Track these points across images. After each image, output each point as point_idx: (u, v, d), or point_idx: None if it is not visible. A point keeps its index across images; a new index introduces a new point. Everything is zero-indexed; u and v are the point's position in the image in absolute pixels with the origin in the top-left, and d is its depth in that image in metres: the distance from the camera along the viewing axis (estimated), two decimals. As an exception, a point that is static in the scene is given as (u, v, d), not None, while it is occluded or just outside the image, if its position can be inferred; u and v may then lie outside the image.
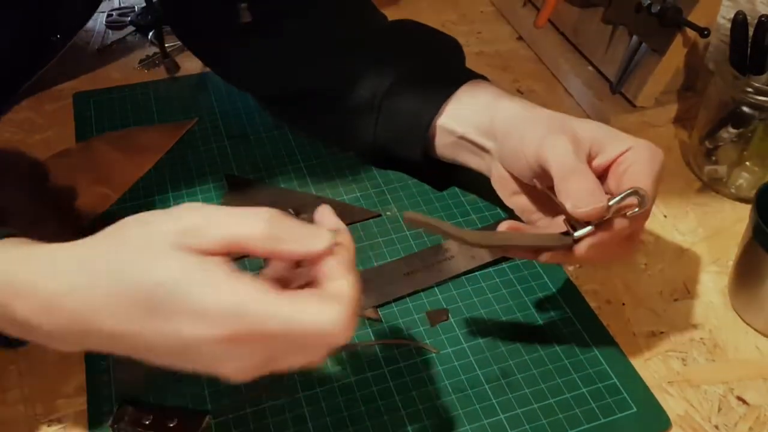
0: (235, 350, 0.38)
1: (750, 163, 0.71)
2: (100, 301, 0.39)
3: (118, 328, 0.39)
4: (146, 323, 0.38)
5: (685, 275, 0.64)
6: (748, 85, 0.66)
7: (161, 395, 0.53)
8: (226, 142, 0.76)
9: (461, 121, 0.62)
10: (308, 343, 0.39)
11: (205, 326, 0.37)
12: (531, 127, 0.55)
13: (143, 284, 0.38)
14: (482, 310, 0.60)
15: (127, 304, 0.38)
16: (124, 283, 0.38)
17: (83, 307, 0.39)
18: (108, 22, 0.95)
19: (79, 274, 0.40)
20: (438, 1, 1.03)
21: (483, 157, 0.61)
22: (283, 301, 0.37)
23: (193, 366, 0.40)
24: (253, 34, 0.69)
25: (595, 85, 0.83)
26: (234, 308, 0.37)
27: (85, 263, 0.40)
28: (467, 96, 0.63)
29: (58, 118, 0.79)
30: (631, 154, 0.52)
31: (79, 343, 0.42)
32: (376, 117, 0.66)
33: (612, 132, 0.54)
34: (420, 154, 0.65)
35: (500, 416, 0.52)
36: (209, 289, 0.37)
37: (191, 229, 0.38)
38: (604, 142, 0.53)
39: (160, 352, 0.40)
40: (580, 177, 0.50)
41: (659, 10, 0.75)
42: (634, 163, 0.51)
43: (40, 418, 0.53)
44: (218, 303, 0.37)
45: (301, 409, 0.53)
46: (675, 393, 0.55)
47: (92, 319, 0.39)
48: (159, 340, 0.39)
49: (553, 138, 0.52)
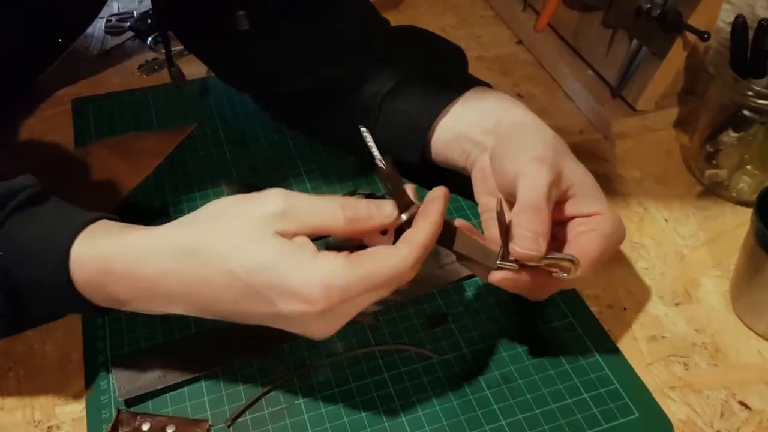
0: (325, 318, 0.44)
1: (751, 167, 0.71)
2: (192, 285, 0.45)
3: (211, 307, 0.46)
4: (242, 302, 0.44)
5: (686, 279, 0.64)
6: (749, 89, 0.66)
7: (160, 402, 0.53)
8: (226, 148, 0.76)
9: (466, 121, 0.61)
10: (383, 285, 0.45)
11: (300, 304, 0.43)
12: (529, 141, 0.55)
13: (239, 269, 0.43)
14: (483, 315, 0.60)
15: (223, 286, 0.44)
16: (219, 267, 0.44)
17: (177, 289, 0.45)
18: (107, 27, 0.95)
19: (171, 259, 0.45)
20: (437, 5, 1.03)
21: (470, 155, 0.61)
22: (361, 264, 0.44)
23: (283, 328, 0.46)
24: (253, 36, 0.69)
25: (595, 89, 0.83)
26: (323, 286, 0.43)
27: (178, 248, 0.45)
28: (475, 100, 0.62)
29: (58, 124, 0.79)
30: (598, 220, 0.52)
31: (164, 311, 0.48)
32: (375, 118, 0.66)
33: (595, 189, 0.53)
34: (418, 156, 0.65)
35: (501, 422, 0.52)
36: (301, 271, 0.43)
37: (281, 215, 0.44)
38: (584, 194, 0.53)
39: (253, 320, 0.46)
40: (537, 219, 0.49)
41: (659, 14, 0.75)
42: (593, 231, 0.51)
43: (38, 424, 0.52)
44: (310, 283, 0.43)
45: (301, 415, 0.53)
46: (677, 398, 0.55)
47: (186, 299, 0.46)
48: (254, 313, 0.45)
49: (536, 168, 0.51)
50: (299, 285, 0.43)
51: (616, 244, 0.53)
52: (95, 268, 0.46)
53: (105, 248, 0.46)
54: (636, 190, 0.73)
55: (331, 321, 0.45)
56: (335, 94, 0.68)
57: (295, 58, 0.70)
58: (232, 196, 0.46)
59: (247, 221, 0.44)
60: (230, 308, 0.45)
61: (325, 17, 0.71)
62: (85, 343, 0.57)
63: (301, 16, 0.69)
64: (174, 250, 0.45)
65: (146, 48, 0.92)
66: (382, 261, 0.44)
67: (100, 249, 0.46)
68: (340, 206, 0.45)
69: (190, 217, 0.47)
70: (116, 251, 0.46)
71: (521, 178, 0.52)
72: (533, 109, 0.59)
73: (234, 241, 0.44)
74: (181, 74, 0.80)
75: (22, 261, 0.47)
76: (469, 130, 0.61)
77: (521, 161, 0.53)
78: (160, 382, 0.54)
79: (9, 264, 0.47)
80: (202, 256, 0.44)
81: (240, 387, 0.54)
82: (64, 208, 0.50)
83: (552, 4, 0.89)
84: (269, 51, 0.70)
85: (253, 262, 0.43)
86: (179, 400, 0.53)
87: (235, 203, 0.46)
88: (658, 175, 0.75)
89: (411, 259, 0.45)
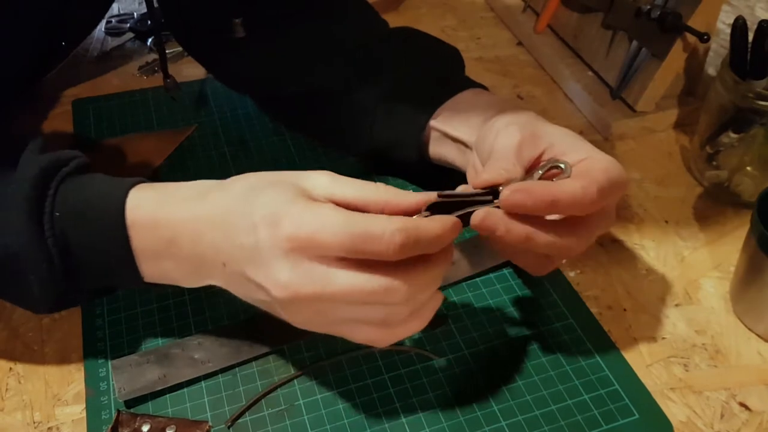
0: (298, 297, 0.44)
1: (751, 168, 0.71)
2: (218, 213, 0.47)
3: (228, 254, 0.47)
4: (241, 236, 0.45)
5: (686, 281, 0.64)
6: (749, 90, 0.66)
7: (160, 403, 0.53)
8: (226, 149, 0.76)
9: (456, 123, 0.61)
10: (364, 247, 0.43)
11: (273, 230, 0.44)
12: (504, 118, 0.55)
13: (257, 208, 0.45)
14: (483, 317, 0.60)
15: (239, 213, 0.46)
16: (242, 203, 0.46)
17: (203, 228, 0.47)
18: (107, 28, 0.95)
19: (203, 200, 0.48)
20: (437, 6, 1.03)
21: (464, 153, 0.61)
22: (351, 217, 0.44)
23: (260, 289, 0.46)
24: (250, 43, 0.69)
25: (595, 90, 0.83)
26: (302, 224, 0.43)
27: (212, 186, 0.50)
28: (468, 102, 0.63)
29: (58, 125, 0.79)
30: (591, 161, 0.50)
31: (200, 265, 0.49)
32: (373, 119, 0.66)
33: (578, 140, 0.53)
34: (416, 156, 0.65)
35: (502, 423, 0.52)
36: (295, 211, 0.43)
37: (323, 186, 0.46)
38: (565, 147, 0.52)
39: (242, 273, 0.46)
40: (501, 162, 0.50)
41: (659, 16, 0.75)
42: (592, 167, 0.50)
43: (38, 425, 0.52)
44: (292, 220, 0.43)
45: (301, 416, 0.53)
46: (677, 399, 0.55)
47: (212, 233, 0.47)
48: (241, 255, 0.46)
49: (507, 130, 0.53)
50: (293, 218, 0.43)
51: (617, 176, 0.50)
52: (148, 216, 0.48)
53: (154, 200, 0.49)
54: (636, 191, 0.73)
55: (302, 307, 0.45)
56: (333, 97, 0.69)
57: (293, 63, 0.70)
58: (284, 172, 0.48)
59: (289, 185, 0.45)
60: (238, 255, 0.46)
61: (324, 21, 0.71)
62: (85, 344, 0.57)
63: (299, 21, 0.69)
64: (209, 189, 0.49)
65: (146, 49, 0.92)
66: (371, 218, 0.43)
67: (150, 198, 0.49)
68: (376, 186, 0.47)
69: (236, 179, 0.49)
70: (166, 201, 0.49)
71: (495, 145, 0.52)
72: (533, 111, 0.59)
73: (268, 194, 0.45)
74: (176, 85, 0.80)
75: (79, 222, 0.48)
76: (458, 130, 0.61)
77: (492, 134, 0.54)
78: (160, 383, 0.54)
79: (66, 224, 0.48)
80: (232, 191, 0.47)
81: (240, 388, 0.54)
82: (110, 177, 0.52)
83: (552, 6, 0.90)
84: (266, 57, 0.70)
85: (272, 198, 0.45)
86: (179, 401, 0.53)
87: (284, 174, 0.48)
88: (659, 176, 0.75)
89: (396, 224, 0.43)
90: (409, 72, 0.66)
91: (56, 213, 0.48)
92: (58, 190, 0.49)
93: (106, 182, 0.50)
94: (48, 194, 0.48)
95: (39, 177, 0.48)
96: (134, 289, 0.60)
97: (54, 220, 0.48)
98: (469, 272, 0.62)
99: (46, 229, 0.48)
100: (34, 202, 0.48)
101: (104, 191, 0.49)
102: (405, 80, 0.66)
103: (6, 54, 0.67)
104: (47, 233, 0.48)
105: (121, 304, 0.60)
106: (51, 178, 0.49)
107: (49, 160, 0.49)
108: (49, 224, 0.48)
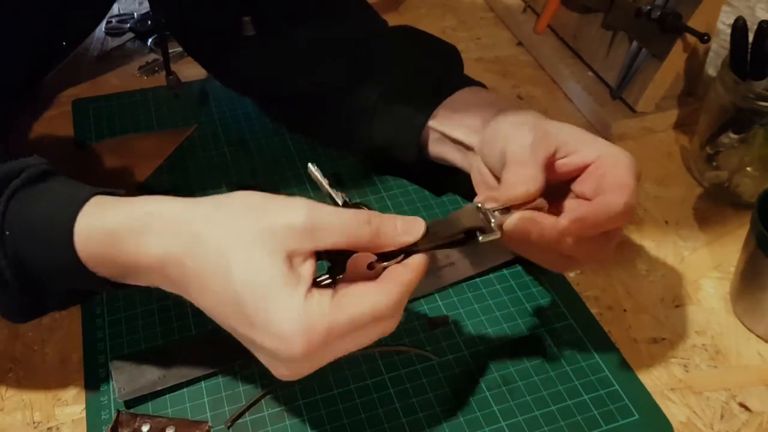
0: (297, 362, 0.42)
1: (751, 169, 0.70)
2: (190, 273, 0.43)
3: (201, 300, 0.44)
4: (227, 309, 0.43)
5: (686, 281, 0.64)
6: (749, 91, 0.66)
7: (160, 403, 0.53)
8: (226, 149, 0.76)
9: (454, 122, 0.61)
10: (368, 329, 0.43)
11: (277, 341, 0.41)
12: (509, 119, 0.55)
13: (237, 274, 0.41)
14: (483, 317, 0.60)
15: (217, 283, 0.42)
16: (220, 262, 0.42)
17: (174, 272, 0.44)
18: (107, 28, 0.95)
19: (176, 242, 0.43)
20: (437, 7, 1.03)
21: (466, 155, 0.61)
22: (344, 306, 0.41)
23: (254, 353, 0.45)
24: (257, 41, 0.69)
25: (595, 90, 0.83)
26: (305, 330, 0.40)
27: (185, 232, 0.43)
28: (464, 102, 0.62)
29: (58, 125, 0.79)
30: (609, 159, 0.52)
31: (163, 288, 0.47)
32: (371, 119, 0.66)
33: (588, 136, 0.53)
34: (414, 155, 0.65)
35: (502, 423, 0.52)
36: (288, 308, 0.40)
37: (301, 231, 0.42)
38: (577, 144, 0.53)
39: (230, 330, 0.44)
40: (521, 170, 0.50)
41: (659, 16, 0.75)
42: (614, 167, 0.51)
43: (38, 425, 0.52)
44: (291, 326, 0.40)
45: (301, 416, 0.53)
46: (677, 400, 0.55)
47: (180, 283, 0.44)
48: (232, 327, 0.43)
49: (518, 131, 0.52)
50: (280, 322, 0.40)
51: (637, 169, 0.52)
52: (101, 241, 0.45)
53: (111, 220, 0.45)
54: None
55: (303, 366, 0.43)
56: (332, 97, 0.69)
57: (296, 62, 0.70)
58: (260, 194, 0.44)
59: (265, 228, 0.42)
60: (216, 309, 0.43)
61: (328, 20, 0.71)
62: (85, 344, 0.57)
63: (303, 21, 0.70)
64: (181, 232, 0.43)
65: (146, 49, 0.92)
66: (366, 301, 0.42)
67: (106, 221, 0.45)
68: (366, 221, 0.43)
69: (209, 201, 0.45)
70: (124, 223, 0.44)
71: (507, 147, 0.52)
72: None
73: (245, 243, 0.41)
74: (179, 82, 0.80)
75: (29, 240, 0.46)
76: (457, 130, 0.61)
77: (502, 138, 0.53)
78: (160, 384, 0.54)
79: (17, 244, 0.46)
80: (207, 246, 0.42)
81: (240, 388, 0.54)
82: (69, 184, 0.49)
83: (552, 6, 0.90)
84: (272, 55, 0.70)
85: (251, 275, 0.41)
86: (179, 402, 0.53)
87: (262, 203, 0.43)
88: (659, 176, 0.75)
89: (394, 296, 0.43)
90: (407, 72, 0.66)
91: (6, 232, 0.46)
92: (7, 207, 0.46)
93: (60, 194, 0.47)
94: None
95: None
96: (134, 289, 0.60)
97: (4, 239, 0.46)
98: (469, 272, 0.62)
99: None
100: None
101: (56, 205, 0.46)
102: (402, 80, 0.66)
103: (6, 54, 0.67)
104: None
105: (121, 304, 0.60)
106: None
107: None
108: (0, 245, 0.46)
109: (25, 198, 0.47)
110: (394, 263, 0.44)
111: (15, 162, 0.48)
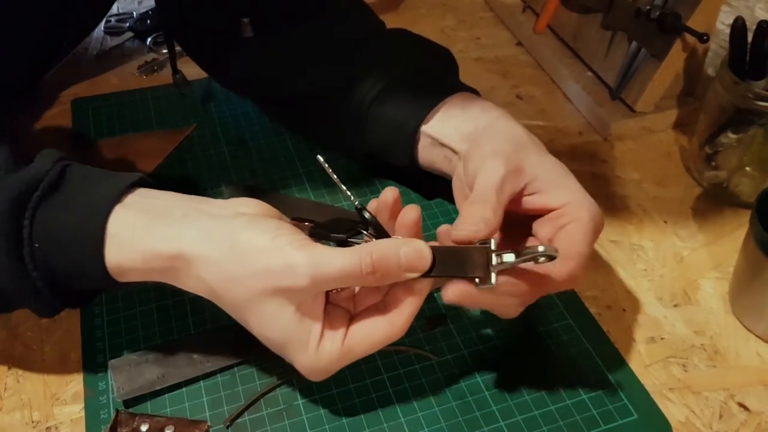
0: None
1: (750, 168, 0.71)
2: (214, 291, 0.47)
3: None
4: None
5: (685, 281, 0.64)
6: (748, 91, 0.66)
7: (159, 403, 0.53)
8: (225, 149, 0.76)
9: (446, 127, 0.61)
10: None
11: (300, 370, 0.48)
12: (491, 138, 0.54)
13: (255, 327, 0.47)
14: (482, 317, 0.60)
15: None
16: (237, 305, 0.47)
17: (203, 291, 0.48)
18: (106, 28, 0.95)
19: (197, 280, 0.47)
20: (437, 7, 1.03)
21: (452, 160, 0.61)
22: (354, 347, 0.47)
23: None
24: (256, 43, 0.69)
25: (595, 90, 0.83)
26: (321, 371, 0.47)
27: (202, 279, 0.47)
28: (457, 106, 0.62)
29: (57, 124, 0.79)
30: (574, 210, 0.50)
31: None
32: (363, 123, 0.66)
33: (563, 178, 0.52)
34: (407, 160, 0.64)
35: (500, 423, 0.52)
36: (305, 356, 0.47)
37: (305, 290, 0.44)
38: (548, 185, 0.51)
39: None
40: (479, 210, 0.49)
41: (658, 16, 0.75)
42: (574, 222, 0.50)
43: (37, 425, 0.52)
44: (309, 368, 0.47)
45: (300, 416, 0.53)
46: (676, 399, 0.55)
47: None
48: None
49: (490, 161, 0.51)
50: (299, 365, 0.47)
51: (599, 227, 0.51)
52: (134, 268, 0.47)
53: (139, 250, 0.47)
54: (635, 191, 0.73)
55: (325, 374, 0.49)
56: (327, 99, 0.68)
57: (295, 63, 0.70)
58: (265, 234, 0.45)
59: (270, 289, 0.44)
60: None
61: (327, 21, 0.71)
62: (84, 344, 0.57)
63: (302, 22, 0.69)
64: (201, 282, 0.47)
65: (146, 49, 0.92)
66: (375, 335, 0.47)
67: (134, 251, 0.47)
68: (369, 264, 0.44)
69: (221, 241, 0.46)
70: (154, 262, 0.47)
71: (479, 173, 0.52)
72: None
73: (255, 302, 0.45)
74: (185, 81, 0.80)
75: (59, 252, 0.47)
76: (448, 137, 0.60)
77: (479, 158, 0.53)
78: (158, 383, 0.54)
79: (47, 255, 0.47)
80: (222, 300, 0.47)
81: (239, 388, 0.54)
82: (89, 183, 0.49)
83: (552, 6, 0.90)
84: (270, 56, 0.70)
85: (264, 330, 0.47)
86: (178, 401, 0.53)
87: (264, 265, 0.45)
88: (658, 176, 0.75)
89: (401, 325, 0.48)
90: (401, 75, 0.66)
91: (35, 244, 0.47)
92: (34, 219, 0.47)
93: (84, 202, 0.48)
94: (24, 225, 0.47)
95: (11, 210, 0.46)
96: (133, 289, 0.60)
97: (34, 252, 0.47)
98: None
99: (27, 262, 0.46)
100: (12, 236, 0.46)
101: (80, 218, 0.47)
102: (396, 84, 0.65)
103: (6, 54, 0.67)
104: (29, 266, 0.47)
105: (120, 304, 0.60)
106: (24, 209, 0.47)
107: (18, 189, 0.47)
108: (30, 257, 0.46)
109: (50, 208, 0.47)
110: None
111: (32, 168, 0.48)
